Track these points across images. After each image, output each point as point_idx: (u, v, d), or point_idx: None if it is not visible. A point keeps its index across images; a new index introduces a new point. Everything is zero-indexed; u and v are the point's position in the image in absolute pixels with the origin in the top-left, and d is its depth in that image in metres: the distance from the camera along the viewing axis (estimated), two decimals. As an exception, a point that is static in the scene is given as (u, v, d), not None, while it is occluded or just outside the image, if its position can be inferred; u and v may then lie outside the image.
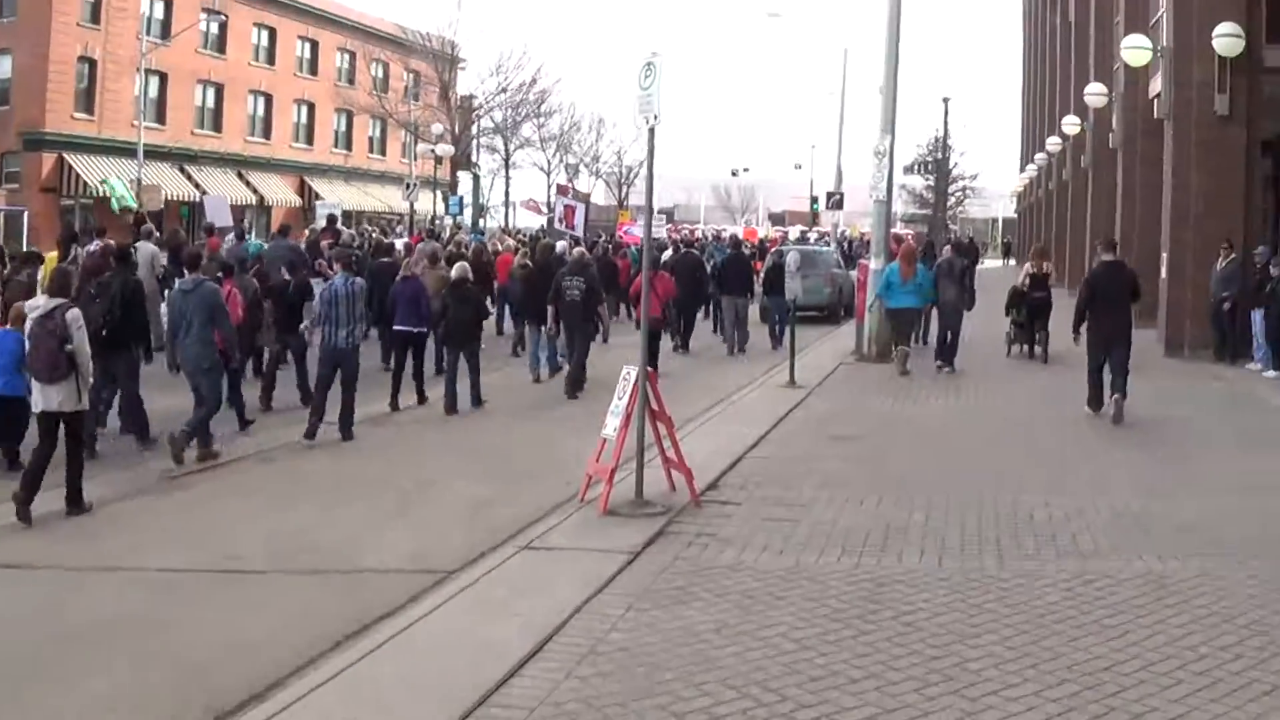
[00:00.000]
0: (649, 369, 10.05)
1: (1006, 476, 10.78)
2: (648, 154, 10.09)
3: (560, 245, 22.68)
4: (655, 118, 9.62)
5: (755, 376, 18.35)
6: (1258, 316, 18.89)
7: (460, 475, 11.29)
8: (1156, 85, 22.98)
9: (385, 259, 19.45)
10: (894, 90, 21.06)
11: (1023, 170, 62.07)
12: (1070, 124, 37.23)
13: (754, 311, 24.74)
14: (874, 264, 20.60)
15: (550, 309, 17.15)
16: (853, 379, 17.95)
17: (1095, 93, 28.95)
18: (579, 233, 27.52)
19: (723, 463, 11.18)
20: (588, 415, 12.74)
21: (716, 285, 24.14)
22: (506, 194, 67.73)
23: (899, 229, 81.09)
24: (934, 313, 20.77)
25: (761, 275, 25.37)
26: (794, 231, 65.76)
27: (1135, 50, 21.91)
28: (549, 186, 69.35)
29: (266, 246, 21.70)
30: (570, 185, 57.27)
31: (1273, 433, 13.44)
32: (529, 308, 18.43)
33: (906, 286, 18.86)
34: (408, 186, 46.61)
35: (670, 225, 45.91)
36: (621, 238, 37.87)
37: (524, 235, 39.11)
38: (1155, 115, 23.17)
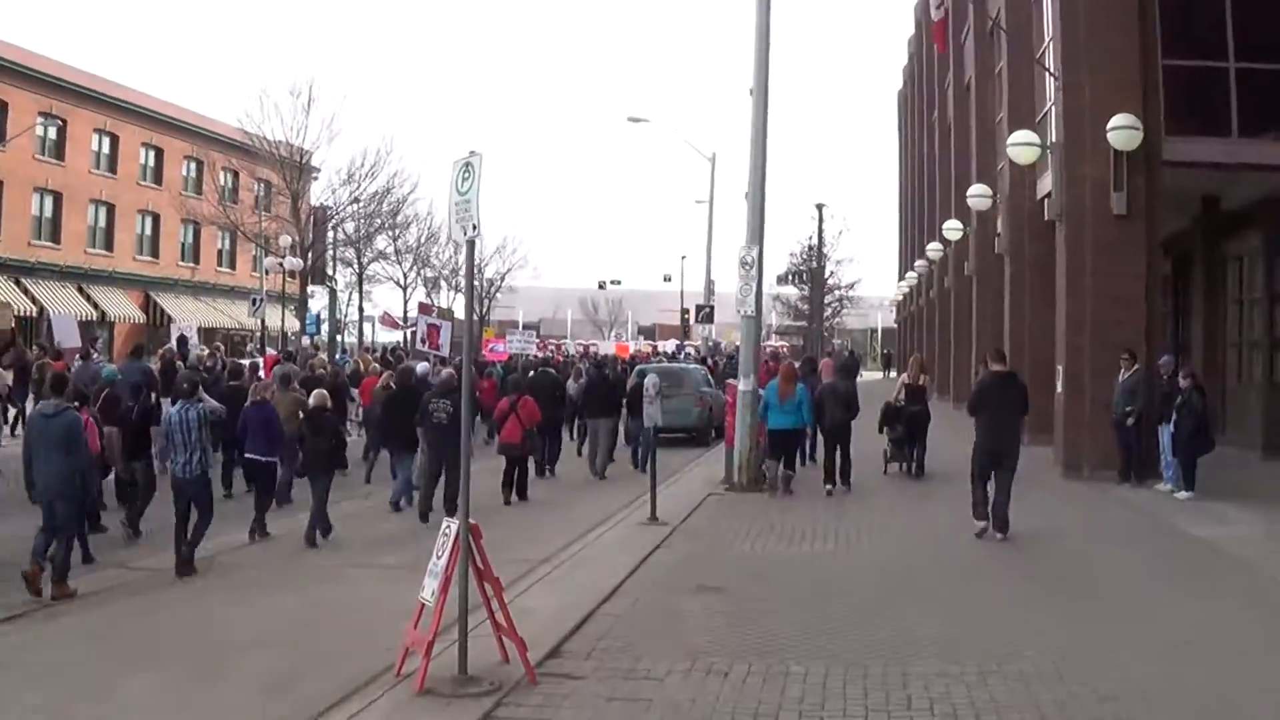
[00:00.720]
0: (471, 522, 8.98)
1: (897, 636, 9.78)
2: (466, 270, 9.30)
3: (422, 367, 22.81)
4: (475, 228, 8.57)
5: (616, 509, 17.74)
6: (1165, 432, 18.30)
7: (272, 637, 10.40)
8: (1046, 184, 22.46)
9: (233, 382, 19.51)
10: (761, 197, 20.44)
11: (902, 278, 62.42)
12: (952, 229, 36.92)
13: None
14: (743, 384, 19.99)
15: (423, 435, 17.30)
16: (722, 513, 17.15)
17: (978, 194, 28.54)
18: (444, 353, 26.85)
19: (570, 620, 10.29)
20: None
21: (581, 406, 24.60)
22: (360, 309, 66.31)
23: (773, 342, 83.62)
24: (816, 432, 21.01)
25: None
26: (667, 345, 65.24)
27: (1022, 147, 21.15)
28: (405, 301, 69.08)
29: (118, 369, 21.50)
30: (433, 303, 55.97)
31: (1194, 568, 12.72)
32: (391, 432, 18.53)
33: (785, 406, 18.86)
34: (254, 302, 44.78)
35: (538, 341, 45.76)
36: (485, 356, 37.58)
37: (380, 353, 38.71)
38: (1045, 217, 22.75)
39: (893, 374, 67.79)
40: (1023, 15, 26.60)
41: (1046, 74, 22.39)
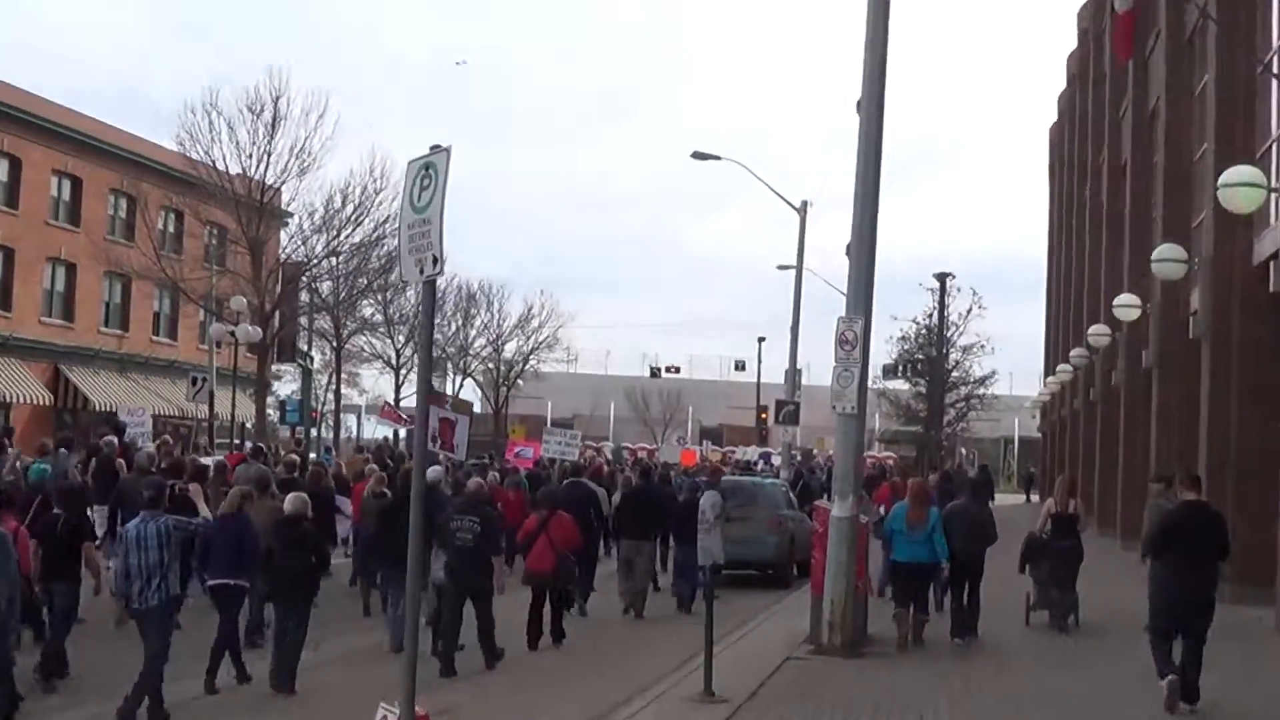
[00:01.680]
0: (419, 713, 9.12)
1: None
2: (423, 321, 8.61)
3: (433, 471, 23.56)
4: (436, 262, 8.10)
5: (660, 671, 17.76)
6: None
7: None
8: (1268, 244, 24.13)
9: (182, 484, 20.88)
10: (870, 252, 19.82)
11: (1051, 374, 62.54)
12: (1126, 305, 36.53)
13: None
14: (838, 508, 19.38)
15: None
16: (807, 687, 16.61)
17: (1167, 258, 28.54)
18: (459, 454, 28.66)
19: None
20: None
21: (616, 524, 25.79)
22: (338, 394, 65.97)
23: (875, 452, 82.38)
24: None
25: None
26: (747, 452, 65.68)
27: (1240, 188, 20.55)
28: (397, 385, 70.13)
29: (50, 467, 22.52)
30: (447, 395, 55.78)
31: None
32: (388, 552, 19.13)
33: (915, 535, 19.85)
34: (194, 382, 44.49)
35: (582, 446, 46.23)
36: (510, 461, 38.50)
37: (374, 452, 39.84)
38: (1270, 287, 24.36)
39: (1035, 498, 67.63)
40: (1239, 13, 26.50)
41: (1275, 85, 22.71)
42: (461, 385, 78.01)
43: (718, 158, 48.62)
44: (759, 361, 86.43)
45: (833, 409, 19.97)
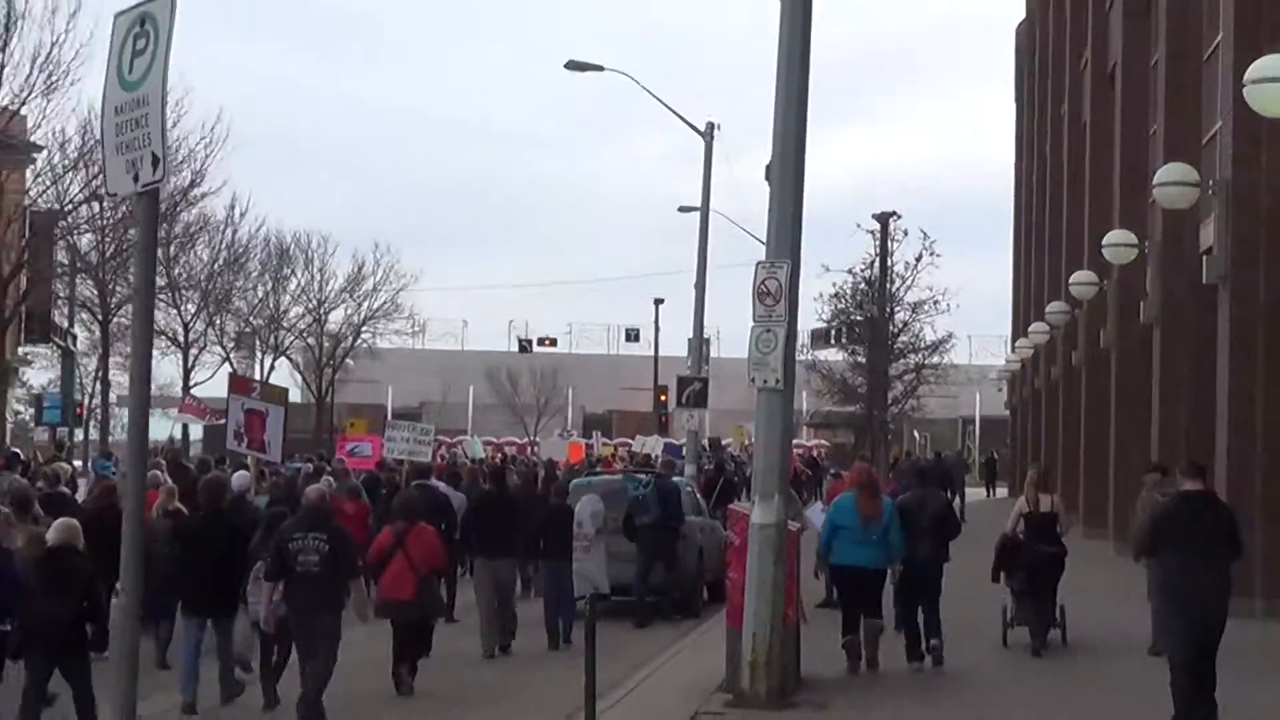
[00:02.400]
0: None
1: None
2: (141, 245, 8.74)
3: (238, 479, 24.15)
4: (156, 163, 7.71)
5: None
6: None
7: None
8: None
9: None
10: (797, 179, 19.62)
11: (1021, 338, 62.94)
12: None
13: None
14: (759, 512, 18.91)
15: (265, 592, 18.40)
16: None
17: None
18: (272, 455, 29.24)
19: None
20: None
21: (464, 539, 26.35)
22: (104, 382, 64.35)
23: (804, 440, 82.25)
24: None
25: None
26: (649, 444, 65.61)
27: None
28: (185, 370, 69.14)
29: None
30: (254, 380, 54.87)
31: None
32: (186, 587, 19.37)
33: (869, 533, 20.47)
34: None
35: (437, 441, 47.82)
36: (342, 462, 39.15)
37: (168, 456, 38.74)
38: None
39: (1002, 492, 68.22)
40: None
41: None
42: (272, 368, 76.98)
43: (599, 68, 47.57)
44: (656, 331, 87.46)
45: (751, 383, 19.59)
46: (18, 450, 39.69)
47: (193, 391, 64.72)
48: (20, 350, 60.12)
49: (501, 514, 25.05)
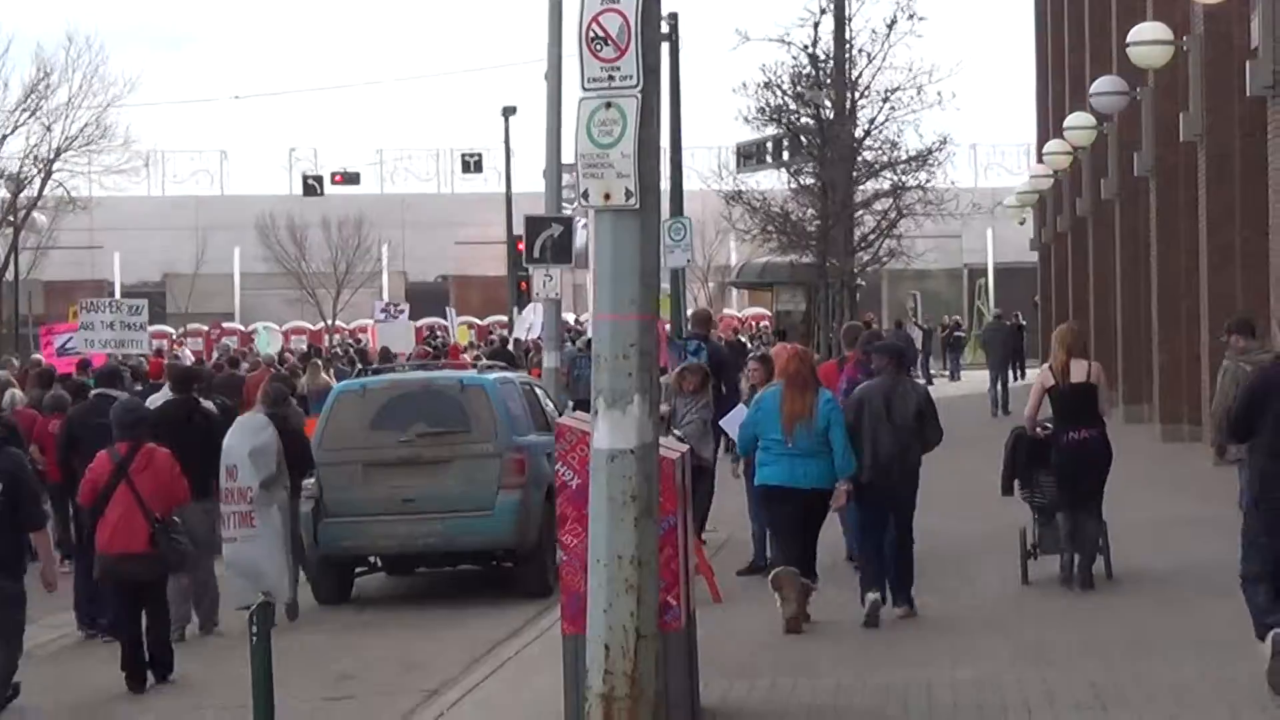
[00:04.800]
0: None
1: None
2: None
3: None
4: None
5: None
6: None
7: None
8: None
9: None
10: None
11: (1050, 144, 62.87)
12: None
13: None
14: (606, 430, 17.23)
15: None
16: None
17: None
18: None
19: None
20: None
21: None
22: None
23: (736, 309, 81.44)
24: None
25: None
26: (529, 317, 64.67)
27: None
28: None
29: None
30: None
31: None
32: None
33: (796, 440, 21.94)
34: None
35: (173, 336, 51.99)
36: (44, 362, 43.20)
37: None
38: None
39: (1024, 374, 67.30)
40: None
41: None
42: None
43: None
44: (508, 156, 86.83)
45: (581, 200, 17.78)
46: None
47: None
48: None
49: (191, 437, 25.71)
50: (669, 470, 18.08)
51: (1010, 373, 62.78)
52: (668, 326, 59.07)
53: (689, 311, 55.58)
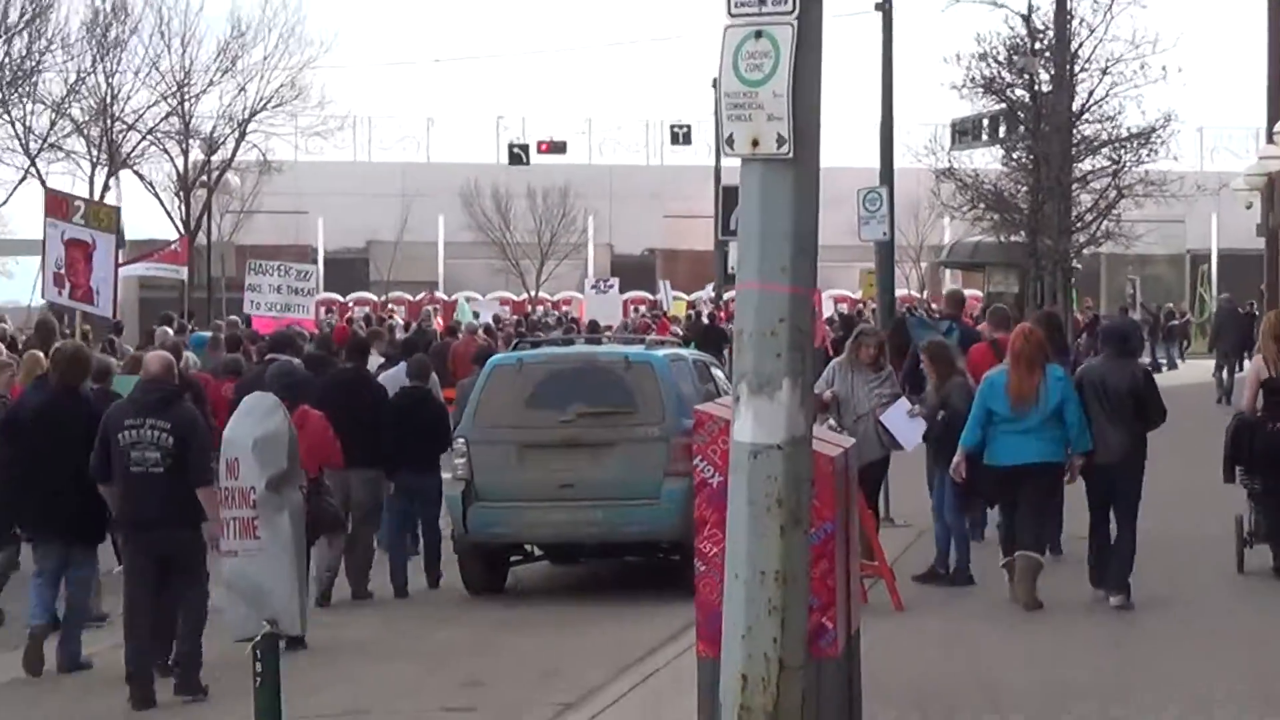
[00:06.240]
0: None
1: None
2: None
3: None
4: None
5: None
6: None
7: None
8: None
9: None
10: None
11: (1274, 136, 63.19)
12: None
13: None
14: (748, 420, 15.18)
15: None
16: None
17: None
18: (103, 309, 32.16)
19: None
20: None
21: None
22: None
23: (954, 282, 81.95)
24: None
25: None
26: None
27: None
28: None
29: None
30: (75, 196, 53.99)
31: None
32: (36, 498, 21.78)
33: (1028, 418, 22.70)
34: None
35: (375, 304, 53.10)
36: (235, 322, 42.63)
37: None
38: None
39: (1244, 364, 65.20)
40: None
41: None
42: (107, 186, 75.43)
43: None
44: (718, 129, 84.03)
45: (726, 147, 15.71)
46: None
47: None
48: None
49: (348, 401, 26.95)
50: (826, 469, 16.09)
51: (1240, 361, 61.25)
52: (823, 296, 58.04)
53: (917, 291, 54.18)
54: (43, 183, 71.18)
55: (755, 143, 15.20)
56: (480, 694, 21.60)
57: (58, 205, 35.33)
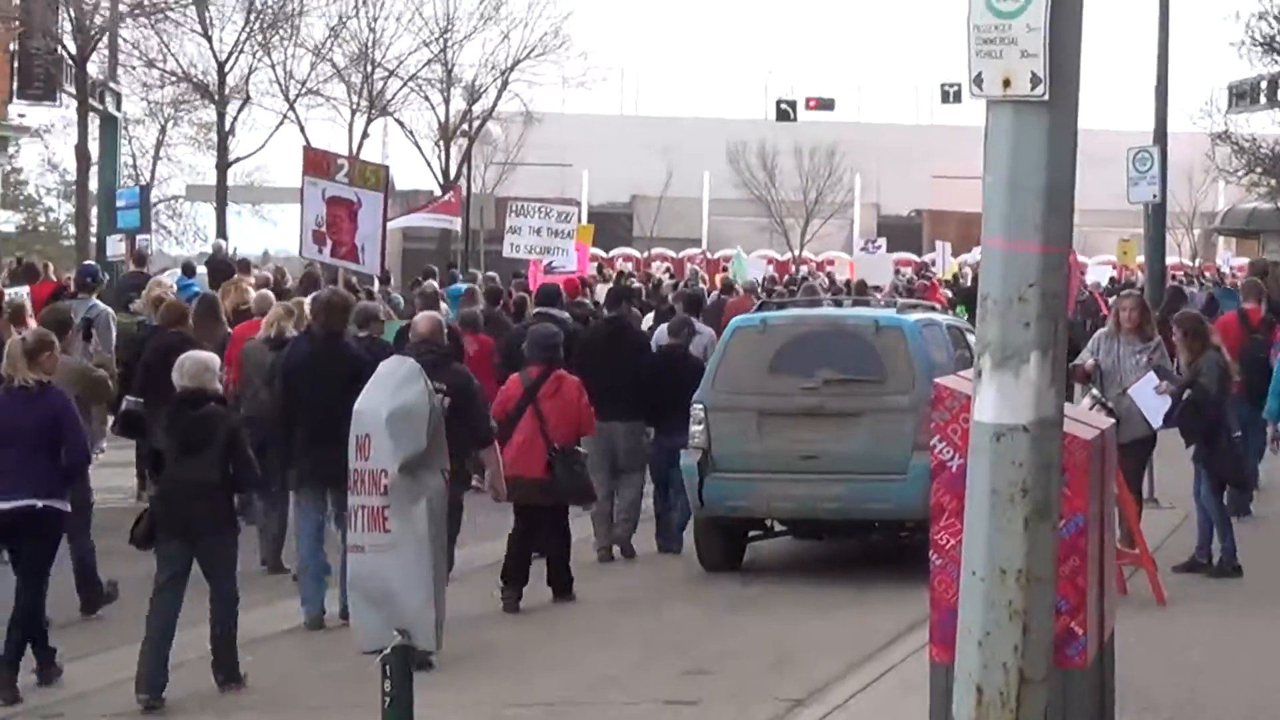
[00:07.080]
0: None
1: None
2: None
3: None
4: None
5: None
6: None
7: None
8: None
9: None
10: None
11: None
12: None
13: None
14: (990, 398, 14.26)
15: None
16: None
17: None
18: (369, 268, 32.92)
19: None
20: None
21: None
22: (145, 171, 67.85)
23: (1226, 250, 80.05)
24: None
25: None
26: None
27: None
28: (221, 136, 73.57)
29: None
30: (337, 154, 54.36)
31: None
32: (291, 441, 22.72)
33: None
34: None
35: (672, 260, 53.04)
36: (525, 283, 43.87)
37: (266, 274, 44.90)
38: None
39: None
40: None
41: None
42: (366, 135, 76.95)
43: None
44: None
45: (974, 88, 14.44)
46: (95, 265, 43.31)
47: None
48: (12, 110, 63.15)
49: (616, 357, 27.83)
50: (1079, 454, 14.83)
51: None
52: (1083, 261, 56.76)
53: (1189, 260, 53.06)
54: (301, 129, 73.20)
55: (1007, 83, 13.99)
56: (704, 684, 20.86)
57: (317, 162, 35.64)
